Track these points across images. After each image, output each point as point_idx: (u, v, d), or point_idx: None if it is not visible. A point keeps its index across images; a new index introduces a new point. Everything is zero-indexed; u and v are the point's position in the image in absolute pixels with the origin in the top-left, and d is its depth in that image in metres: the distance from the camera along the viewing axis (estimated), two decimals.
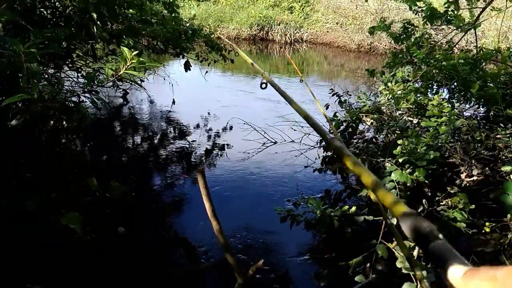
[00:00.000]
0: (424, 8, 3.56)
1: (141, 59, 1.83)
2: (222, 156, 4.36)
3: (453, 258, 0.34)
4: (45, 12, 3.29)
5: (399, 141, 2.48)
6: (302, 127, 4.43)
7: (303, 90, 6.73)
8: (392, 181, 2.37)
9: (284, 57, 10.97)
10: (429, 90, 3.37)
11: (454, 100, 3.33)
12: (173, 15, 4.27)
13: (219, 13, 13.30)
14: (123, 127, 5.29)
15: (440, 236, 0.37)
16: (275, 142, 4.50)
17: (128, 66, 1.80)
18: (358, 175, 0.58)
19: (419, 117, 3.05)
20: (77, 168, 3.72)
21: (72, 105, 2.10)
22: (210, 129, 5.14)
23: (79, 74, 4.25)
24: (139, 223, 3.01)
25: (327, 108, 4.02)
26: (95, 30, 3.04)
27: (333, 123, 3.39)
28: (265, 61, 10.99)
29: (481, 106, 3.33)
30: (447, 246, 0.36)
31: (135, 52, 1.83)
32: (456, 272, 0.33)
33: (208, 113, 5.75)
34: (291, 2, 13.94)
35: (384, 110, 3.32)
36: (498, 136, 2.70)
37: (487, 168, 2.72)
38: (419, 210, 2.52)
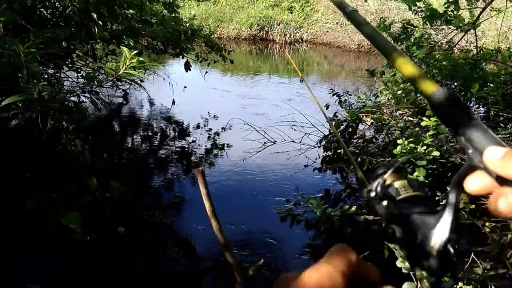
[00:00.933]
0: (423, 9, 3.56)
1: (140, 58, 1.83)
2: (222, 156, 4.36)
3: (490, 139, 0.31)
4: (45, 12, 3.29)
5: (399, 141, 2.48)
6: (302, 127, 4.44)
7: (303, 89, 6.74)
8: None
9: (284, 57, 10.97)
10: None
11: None
12: (173, 15, 4.27)
13: (219, 13, 13.30)
14: (123, 127, 5.29)
15: (475, 116, 0.33)
16: (274, 142, 4.50)
17: (128, 65, 1.80)
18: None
19: (419, 117, 3.05)
20: (77, 168, 3.72)
21: (72, 105, 2.10)
22: (210, 129, 5.14)
23: (79, 74, 4.25)
24: (139, 223, 3.01)
25: (327, 108, 4.02)
26: (96, 30, 3.05)
27: (333, 123, 3.39)
28: (265, 61, 10.98)
29: (481, 106, 3.33)
30: (483, 126, 0.32)
31: (135, 52, 1.83)
32: (494, 153, 0.30)
33: (208, 113, 5.74)
34: (291, 2, 13.94)
35: (384, 110, 3.33)
36: (498, 136, 2.70)
37: None
38: None
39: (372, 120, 3.28)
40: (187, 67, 4.73)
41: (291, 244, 2.86)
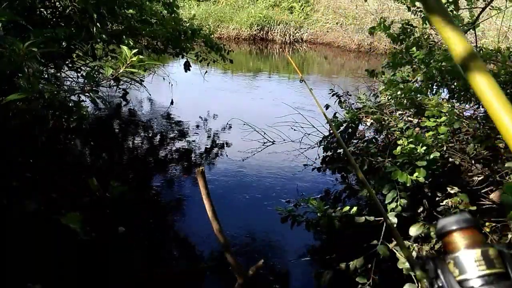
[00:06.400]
0: (423, 9, 3.55)
1: (140, 56, 1.83)
2: (222, 156, 4.35)
3: None
4: (45, 12, 3.29)
5: (399, 142, 2.48)
6: (302, 127, 4.43)
7: (303, 90, 6.73)
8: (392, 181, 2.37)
9: (283, 57, 10.96)
10: (429, 90, 3.37)
11: (454, 100, 3.33)
12: (172, 15, 4.27)
13: (219, 13, 13.29)
14: (123, 127, 5.29)
15: None
16: (273, 142, 4.50)
17: (128, 64, 1.80)
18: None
19: (419, 117, 3.04)
20: (77, 168, 3.72)
21: (72, 104, 2.10)
22: (210, 129, 5.14)
23: (79, 74, 4.25)
24: (139, 223, 3.01)
25: (327, 108, 4.01)
26: (94, 30, 3.04)
27: (333, 123, 3.39)
28: (265, 61, 10.98)
29: (481, 106, 3.33)
30: None
31: (135, 51, 1.83)
32: None
33: (208, 113, 5.75)
34: (291, 2, 13.93)
35: (384, 111, 3.32)
36: (498, 136, 2.70)
37: (487, 168, 2.72)
38: (419, 211, 2.52)
39: (372, 121, 3.28)
40: (187, 67, 4.73)
41: (291, 244, 2.86)
